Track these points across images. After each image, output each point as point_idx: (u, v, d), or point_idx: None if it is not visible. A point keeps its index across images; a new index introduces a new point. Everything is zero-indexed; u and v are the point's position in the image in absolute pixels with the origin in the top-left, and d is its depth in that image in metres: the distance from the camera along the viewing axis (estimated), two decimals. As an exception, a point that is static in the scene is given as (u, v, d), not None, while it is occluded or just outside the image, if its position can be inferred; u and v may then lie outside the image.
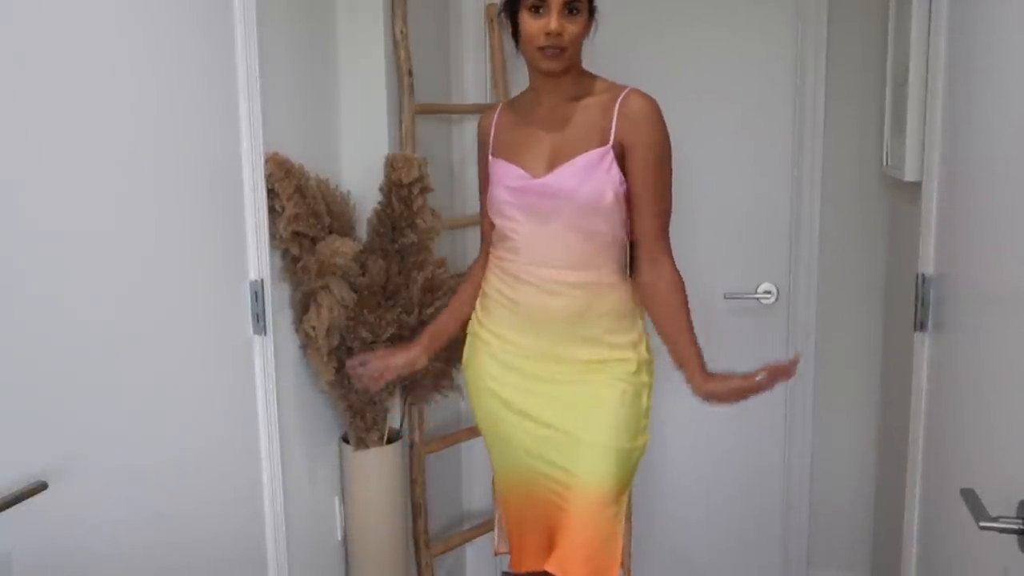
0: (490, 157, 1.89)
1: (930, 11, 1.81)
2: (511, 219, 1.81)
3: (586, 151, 1.73)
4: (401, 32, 2.33)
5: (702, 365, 1.81)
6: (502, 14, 1.80)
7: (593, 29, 1.78)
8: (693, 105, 2.68)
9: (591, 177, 1.72)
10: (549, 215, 1.76)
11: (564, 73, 1.76)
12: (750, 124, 2.68)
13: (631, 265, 1.85)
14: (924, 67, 1.88)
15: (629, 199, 1.76)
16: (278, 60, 1.99)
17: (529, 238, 1.80)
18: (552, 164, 1.77)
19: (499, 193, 1.83)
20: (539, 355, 1.84)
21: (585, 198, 1.73)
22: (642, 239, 1.80)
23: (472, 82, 2.77)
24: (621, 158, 1.74)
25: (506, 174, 1.83)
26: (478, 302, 1.97)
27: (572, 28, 1.69)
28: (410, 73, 2.36)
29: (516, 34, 1.77)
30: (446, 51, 2.73)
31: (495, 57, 2.67)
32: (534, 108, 1.83)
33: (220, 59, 1.78)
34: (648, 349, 1.89)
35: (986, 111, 1.46)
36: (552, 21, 1.67)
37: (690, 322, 1.82)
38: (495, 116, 1.93)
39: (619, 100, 1.74)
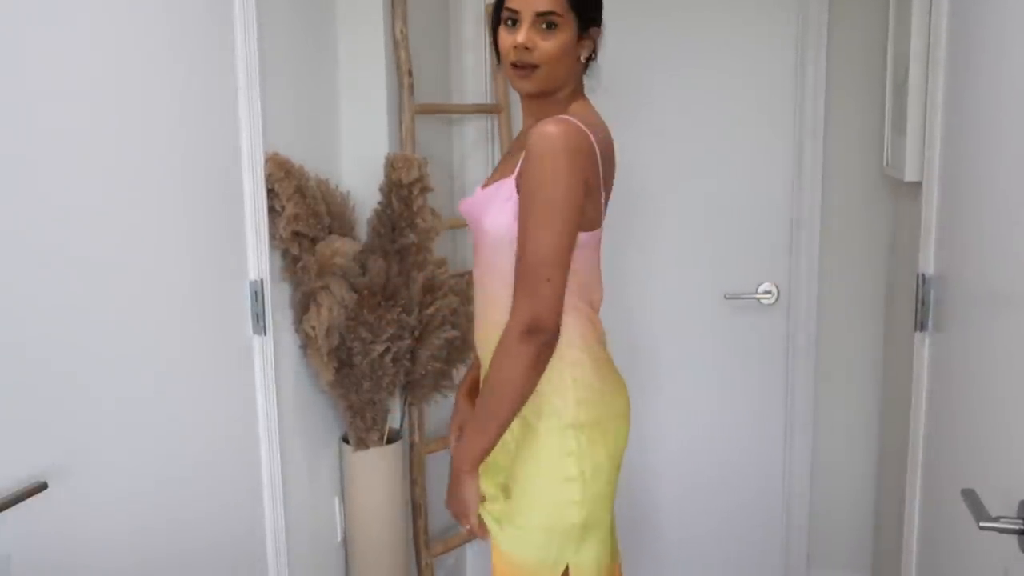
0: None
1: (930, 11, 1.81)
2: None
3: (499, 179, 1.58)
4: (401, 32, 2.33)
5: (466, 457, 1.57)
6: (488, 36, 1.69)
7: (593, 53, 1.60)
8: (693, 105, 2.68)
9: (490, 206, 1.56)
10: (477, 247, 1.63)
11: (540, 96, 1.57)
12: (750, 124, 2.68)
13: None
14: (924, 67, 1.88)
15: None
16: (278, 60, 1.99)
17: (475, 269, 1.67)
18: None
19: None
20: None
21: (488, 229, 1.56)
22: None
23: (472, 82, 2.77)
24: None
25: None
26: None
27: (546, 45, 1.50)
28: (410, 73, 2.36)
29: (498, 51, 1.59)
30: (446, 51, 2.73)
31: (495, 57, 2.66)
32: (515, 134, 1.78)
33: (220, 59, 1.78)
34: (585, 410, 1.59)
35: (986, 111, 1.46)
36: (520, 34, 1.50)
37: (489, 399, 1.52)
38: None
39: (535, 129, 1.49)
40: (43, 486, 1.30)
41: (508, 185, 1.53)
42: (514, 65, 1.53)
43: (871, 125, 2.55)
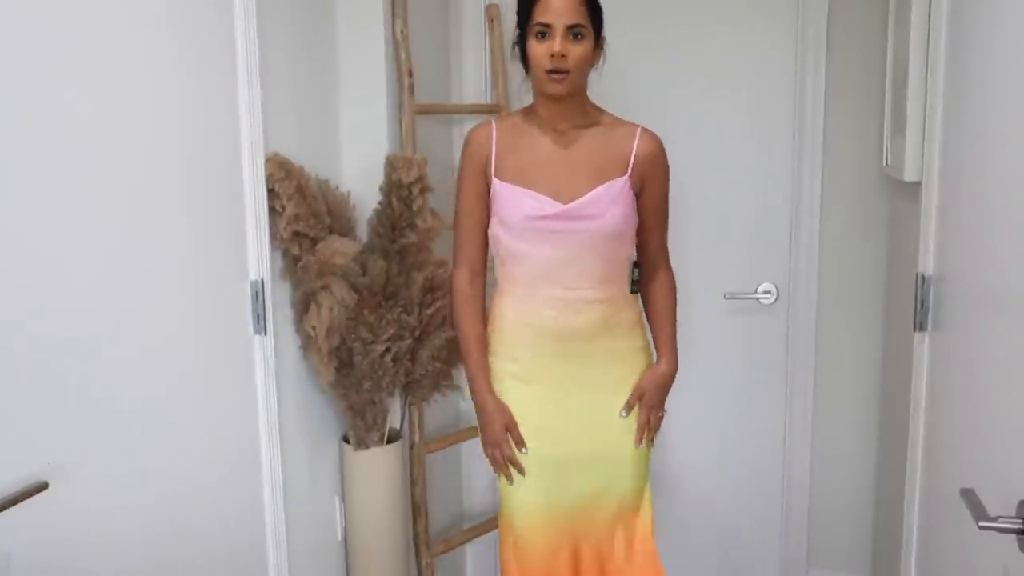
0: (494, 179, 1.90)
1: (930, 11, 1.81)
2: (533, 244, 1.87)
3: (610, 179, 1.87)
4: (401, 32, 2.33)
5: (673, 349, 2.03)
6: (514, 47, 1.90)
7: (601, 60, 1.89)
8: (694, 105, 2.68)
9: (616, 203, 1.86)
10: (574, 239, 1.86)
11: (569, 96, 1.85)
12: (750, 124, 2.68)
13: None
14: (924, 67, 1.88)
15: (640, 222, 1.95)
16: (278, 60, 1.99)
17: (551, 262, 1.86)
18: (575, 190, 1.86)
19: (517, 220, 1.86)
20: (562, 371, 1.93)
21: (612, 223, 1.86)
22: (649, 253, 2.01)
23: (472, 82, 2.77)
24: (635, 187, 1.91)
25: (524, 199, 1.86)
26: (493, 336, 1.98)
27: (576, 51, 1.79)
28: (410, 73, 2.36)
29: (525, 61, 1.86)
30: (446, 51, 2.73)
31: (495, 57, 2.67)
32: (542, 134, 1.90)
33: (220, 59, 1.78)
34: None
35: (986, 111, 1.46)
36: (556, 44, 1.77)
37: (673, 314, 2.06)
38: (492, 135, 1.92)
39: (637, 137, 1.91)
40: (44, 486, 1.30)
41: (624, 184, 1.88)
42: (550, 71, 1.79)
43: (871, 125, 2.55)
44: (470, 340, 1.96)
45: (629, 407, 1.95)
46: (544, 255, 1.87)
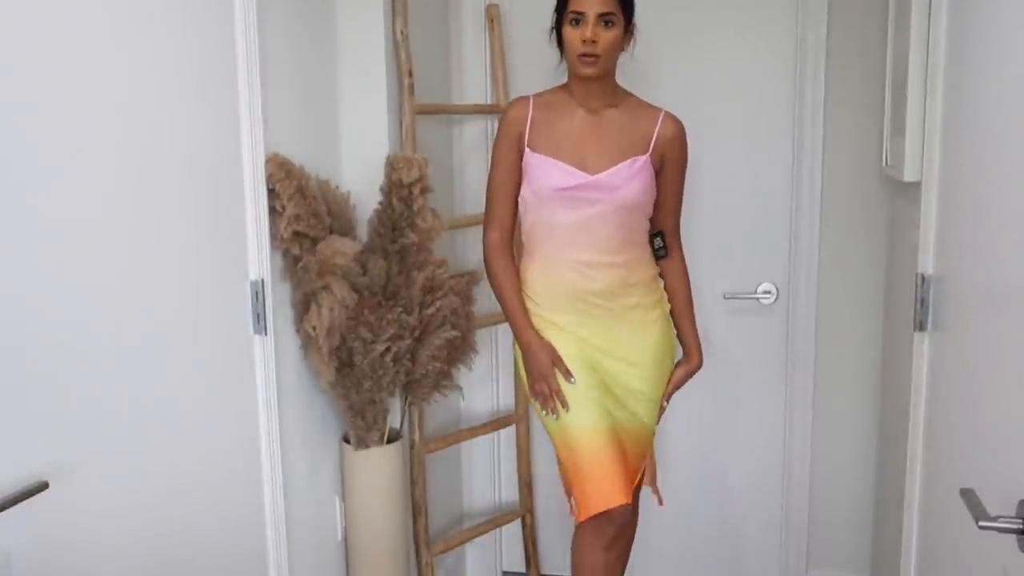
0: (527, 150, 2.04)
1: (929, 12, 1.81)
2: (559, 212, 2.02)
3: (633, 156, 2.03)
4: (401, 32, 2.33)
5: (699, 345, 2.24)
6: (551, 32, 2.03)
7: (632, 44, 2.04)
8: (694, 105, 2.67)
9: (637, 177, 2.02)
10: (597, 208, 2.01)
11: (599, 78, 1.99)
12: (751, 124, 2.68)
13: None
14: (924, 67, 1.88)
15: (657, 201, 2.11)
16: (278, 60, 1.99)
17: (574, 229, 2.02)
18: (600, 163, 2.01)
19: (546, 189, 2.01)
20: (588, 324, 2.07)
21: (632, 194, 2.02)
22: (663, 231, 2.16)
23: (472, 82, 2.77)
24: (655, 164, 2.06)
25: (553, 170, 2.01)
26: (528, 301, 2.10)
27: (606, 37, 1.94)
28: (410, 73, 2.36)
29: (561, 45, 2.01)
30: (446, 51, 2.73)
31: (495, 57, 2.67)
32: (574, 110, 2.05)
33: (220, 59, 1.78)
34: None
35: (985, 111, 1.46)
36: (587, 31, 1.92)
37: (691, 302, 2.23)
38: (529, 110, 2.05)
39: (660, 119, 2.07)
40: (44, 486, 1.30)
41: (645, 161, 2.04)
42: (581, 55, 1.94)
43: (870, 127, 2.55)
44: (507, 287, 2.10)
45: (668, 396, 2.19)
46: (568, 222, 2.02)
